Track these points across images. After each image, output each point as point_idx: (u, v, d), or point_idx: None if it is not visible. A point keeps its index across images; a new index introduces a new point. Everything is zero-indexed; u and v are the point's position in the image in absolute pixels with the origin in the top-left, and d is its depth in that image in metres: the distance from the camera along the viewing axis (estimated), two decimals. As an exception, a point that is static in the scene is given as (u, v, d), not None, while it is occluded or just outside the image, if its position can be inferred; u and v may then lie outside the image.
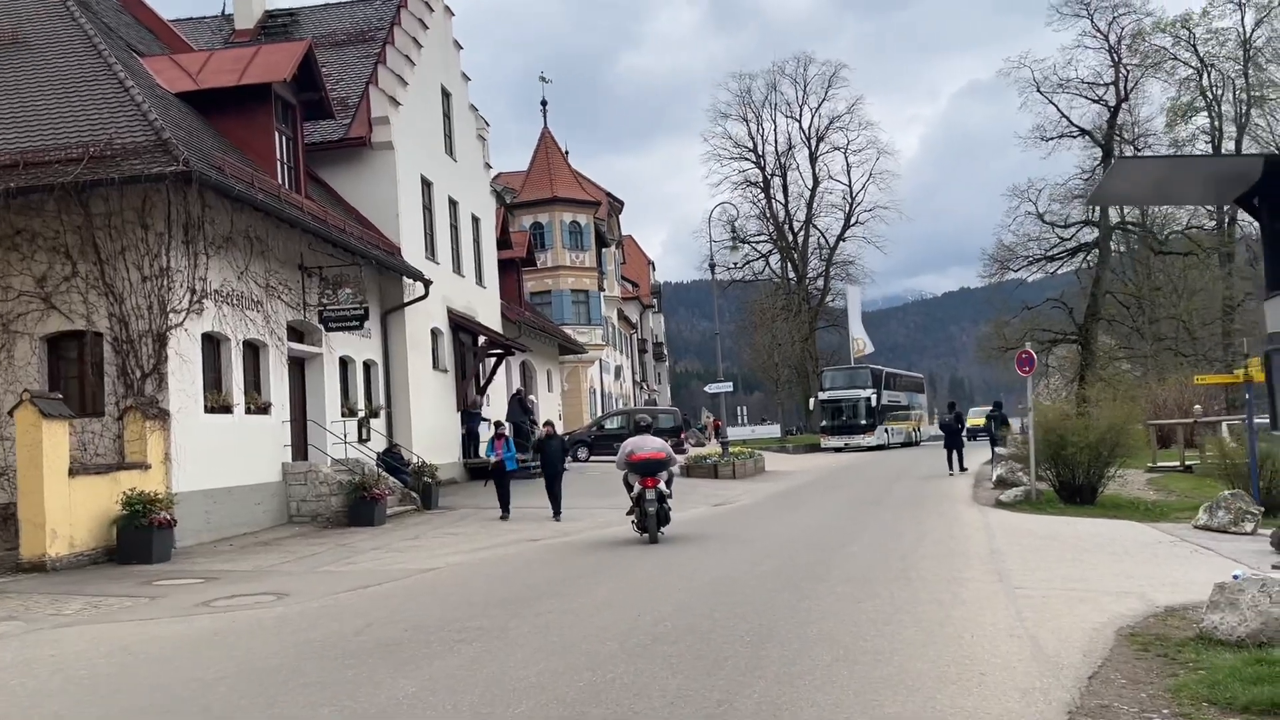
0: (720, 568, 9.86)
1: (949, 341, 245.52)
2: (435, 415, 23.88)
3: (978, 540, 11.92)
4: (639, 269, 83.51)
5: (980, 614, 7.30)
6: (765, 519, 15.72)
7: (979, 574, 9.30)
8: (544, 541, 13.67)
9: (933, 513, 15.58)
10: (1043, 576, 9.19)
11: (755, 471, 27.70)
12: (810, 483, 24.81)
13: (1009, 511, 15.98)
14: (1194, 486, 20.29)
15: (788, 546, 11.65)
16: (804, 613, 7.43)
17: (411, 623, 7.49)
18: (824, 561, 10.20)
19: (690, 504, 19.74)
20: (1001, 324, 50.78)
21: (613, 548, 12.28)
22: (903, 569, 9.59)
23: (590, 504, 19.12)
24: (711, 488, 23.35)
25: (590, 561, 10.97)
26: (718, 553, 11.20)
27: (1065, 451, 16.74)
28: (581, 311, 46.45)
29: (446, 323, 25.17)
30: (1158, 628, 6.81)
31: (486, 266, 29.39)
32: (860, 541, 11.90)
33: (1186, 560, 10.49)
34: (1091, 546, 11.45)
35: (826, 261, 68.77)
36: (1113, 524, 14.34)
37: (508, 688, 5.44)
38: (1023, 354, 17.59)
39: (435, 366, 24.40)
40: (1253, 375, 15.60)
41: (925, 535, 12.43)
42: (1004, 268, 51.51)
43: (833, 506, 17.33)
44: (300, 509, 17.01)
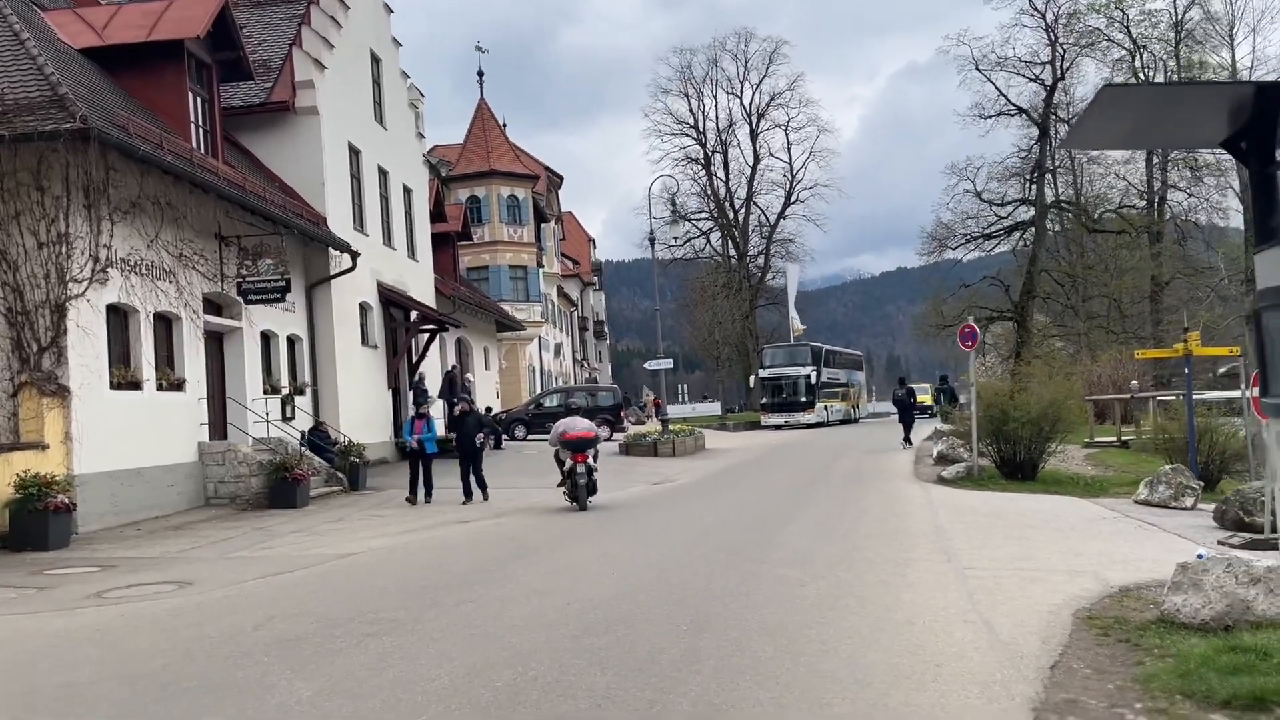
0: (657, 550, 9.36)
1: (886, 321, 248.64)
2: (365, 393, 23.06)
3: (922, 518, 11.59)
4: (579, 246, 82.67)
5: (930, 597, 6.89)
6: (705, 497, 15.28)
7: (926, 553, 8.93)
8: (475, 524, 13.06)
9: (875, 490, 15.28)
10: (991, 555, 8.84)
11: (695, 449, 27.31)
12: (751, 460, 24.47)
13: (951, 488, 15.75)
14: (1131, 462, 20.35)
15: (728, 526, 11.20)
16: (744, 598, 6.95)
17: (319, 615, 6.86)
18: (765, 542, 9.75)
19: (629, 483, 19.26)
20: (939, 301, 51.10)
21: (547, 529, 11.73)
22: (847, 549, 9.18)
23: (526, 483, 18.54)
24: (651, 466, 22.89)
25: (522, 544, 10.39)
26: (655, 534, 10.71)
27: (1007, 427, 16.56)
28: (520, 288, 45.58)
29: (376, 297, 24.29)
30: (1115, 610, 6.45)
31: (419, 239, 28.48)
32: (802, 520, 11.49)
33: (1132, 536, 10.26)
34: (1037, 523, 11.19)
35: (767, 239, 68.68)
36: (1055, 500, 14.15)
37: (416, 690, 4.86)
38: (965, 328, 17.34)
39: (364, 342, 23.54)
40: (1192, 349, 15.52)
41: (868, 513, 12.07)
42: (942, 245, 51.79)
43: (773, 484, 16.96)
44: (218, 490, 16.17)
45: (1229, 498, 11.69)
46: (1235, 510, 11.46)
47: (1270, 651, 4.72)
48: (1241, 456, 16.10)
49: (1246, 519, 11.29)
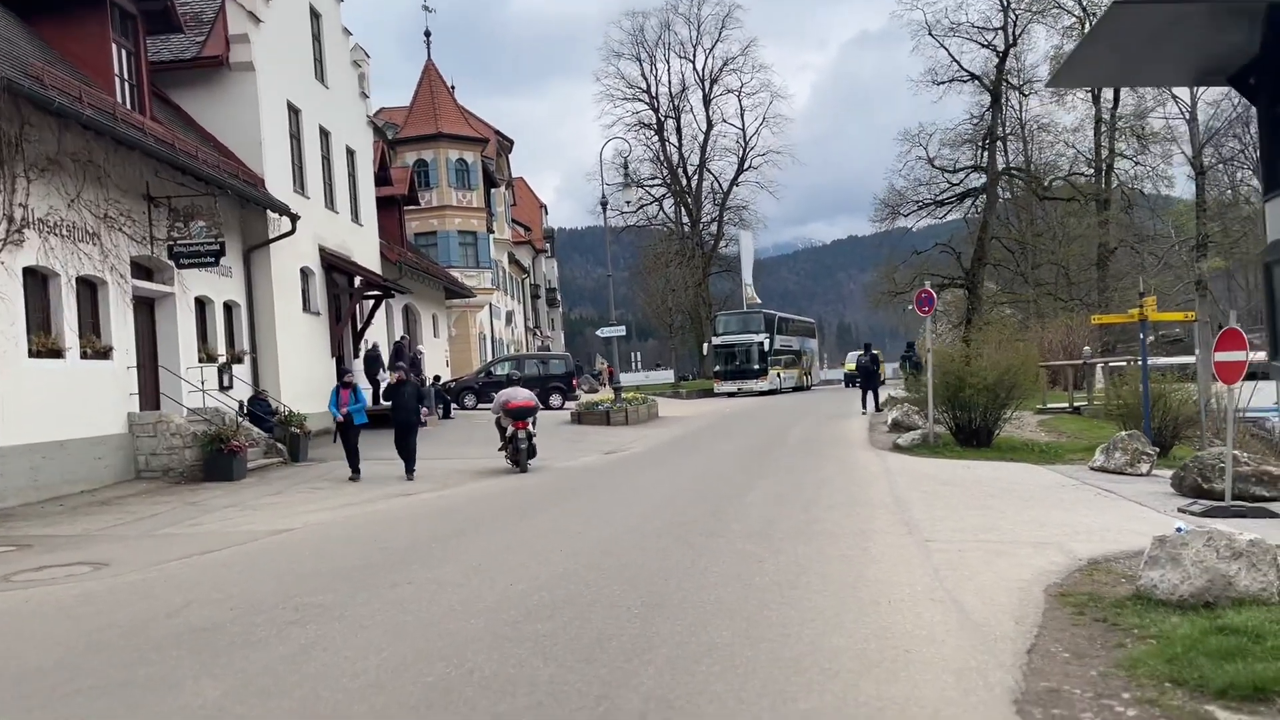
0: (609, 524, 8.94)
1: (837, 289, 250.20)
2: (307, 361, 22.32)
3: (880, 487, 11.30)
4: (531, 212, 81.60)
5: (894, 573, 6.54)
6: (658, 467, 14.89)
7: (886, 525, 8.61)
8: (418, 497, 12.55)
9: (831, 458, 15.00)
10: (953, 526, 8.54)
11: (649, 418, 26.94)
12: (704, 428, 24.15)
13: (907, 456, 15.52)
14: (1084, 427, 20.33)
15: (682, 497, 10.81)
16: (700, 575, 6.55)
17: (241, 600, 6.34)
18: (721, 513, 9.38)
19: (581, 452, 18.83)
20: (891, 269, 51.13)
21: (493, 503, 11.27)
22: (806, 521, 8.83)
23: (475, 454, 18.05)
24: (603, 435, 22.47)
25: (466, 519, 9.92)
26: (606, 506, 10.28)
27: (963, 394, 16.35)
28: (469, 254, 44.72)
29: (318, 262, 23.49)
30: (1087, 585, 6.16)
31: (363, 203, 27.63)
32: (759, 490, 11.13)
33: (1093, 505, 10.04)
34: (996, 491, 10.94)
35: (720, 206, 68.22)
36: (1011, 467, 13.97)
37: (338, 687, 4.39)
38: (923, 293, 17.06)
39: (306, 309, 22.77)
40: (1148, 314, 15.38)
41: (826, 482, 11.75)
42: (895, 212, 51.71)
43: (728, 453, 16.62)
44: (150, 463, 15.45)
45: (1188, 464, 11.54)
46: (1194, 476, 11.31)
47: (1263, 633, 4.41)
48: (1194, 422, 16.07)
49: (1205, 485, 11.14)
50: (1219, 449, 11.81)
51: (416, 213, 43.69)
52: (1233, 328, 9.97)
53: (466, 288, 39.57)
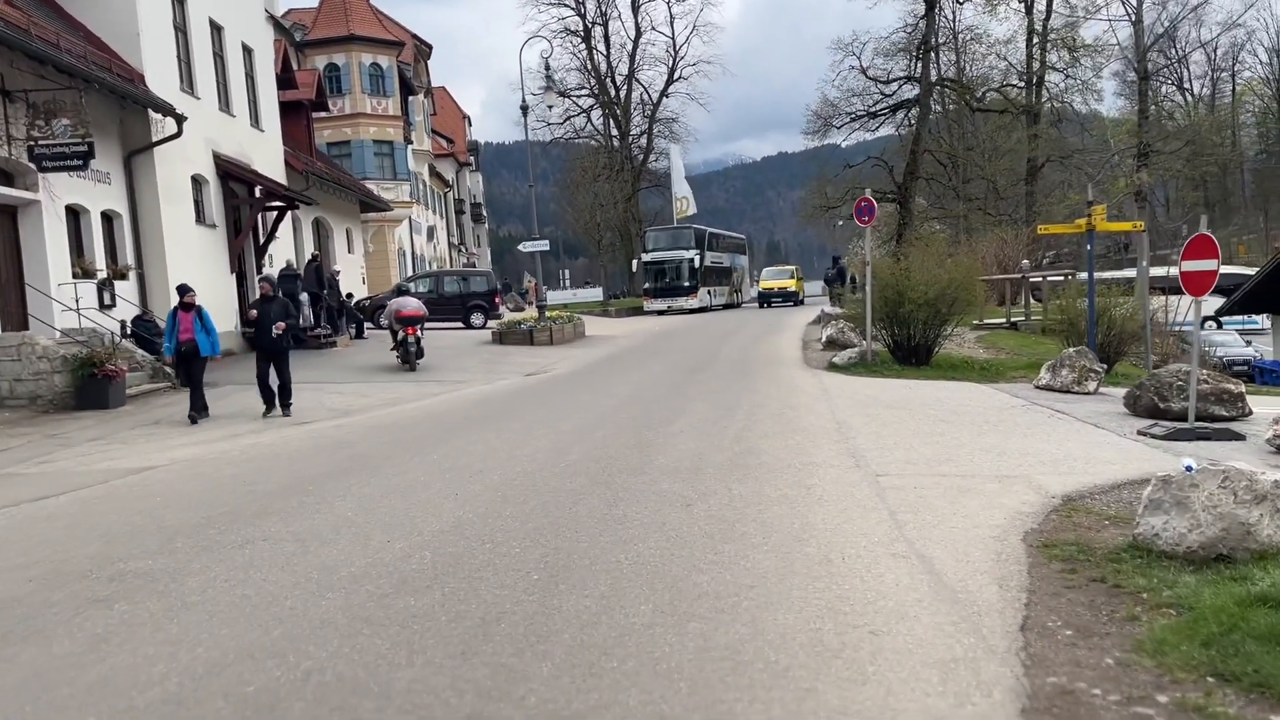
0: (517, 459, 7.83)
1: (767, 206, 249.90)
2: (203, 277, 20.53)
3: (820, 411, 10.36)
4: (453, 123, 78.62)
5: (846, 518, 5.57)
6: (581, 391, 13.80)
7: (830, 456, 7.65)
8: (311, 427, 11.29)
9: (765, 379, 14.04)
10: (904, 457, 7.61)
11: (575, 337, 25.76)
12: (633, 348, 23.09)
13: (845, 375, 14.65)
14: (1022, 344, 19.75)
15: (603, 425, 9.74)
16: (618, 526, 5.50)
17: (50, 565, 5.12)
18: (646, 445, 8.33)
19: (499, 374, 17.65)
20: (823, 183, 50.16)
21: (390, 434, 10.07)
22: (740, 453, 7.83)
23: (385, 379, 16.76)
24: (526, 356, 21.27)
25: (355, 455, 8.73)
26: (518, 437, 9.16)
27: (902, 310, 15.49)
28: (386, 165, 42.47)
29: (213, 170, 21.58)
30: (1069, 531, 5.25)
31: (264, 107, 25.55)
32: (687, 417, 10.11)
33: (1050, 429, 9.22)
34: (944, 415, 10.09)
35: (649, 118, 66.15)
36: (954, 387, 13.19)
37: (121, 703, 3.24)
38: (863, 201, 16.00)
39: (200, 220, 20.94)
40: (1096, 224, 14.58)
41: (760, 406, 10.77)
42: (827, 124, 50.52)
43: (656, 374, 15.58)
44: (14, 390, 13.88)
45: (1143, 382, 10.81)
46: (1149, 396, 10.59)
47: (1323, 608, 3.50)
48: (1138, 338, 15.47)
49: (1161, 404, 10.44)
50: (1175, 366, 11.11)
51: (328, 121, 41.27)
52: (1203, 234, 9.12)
53: (383, 201, 37.58)
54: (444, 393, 15.01)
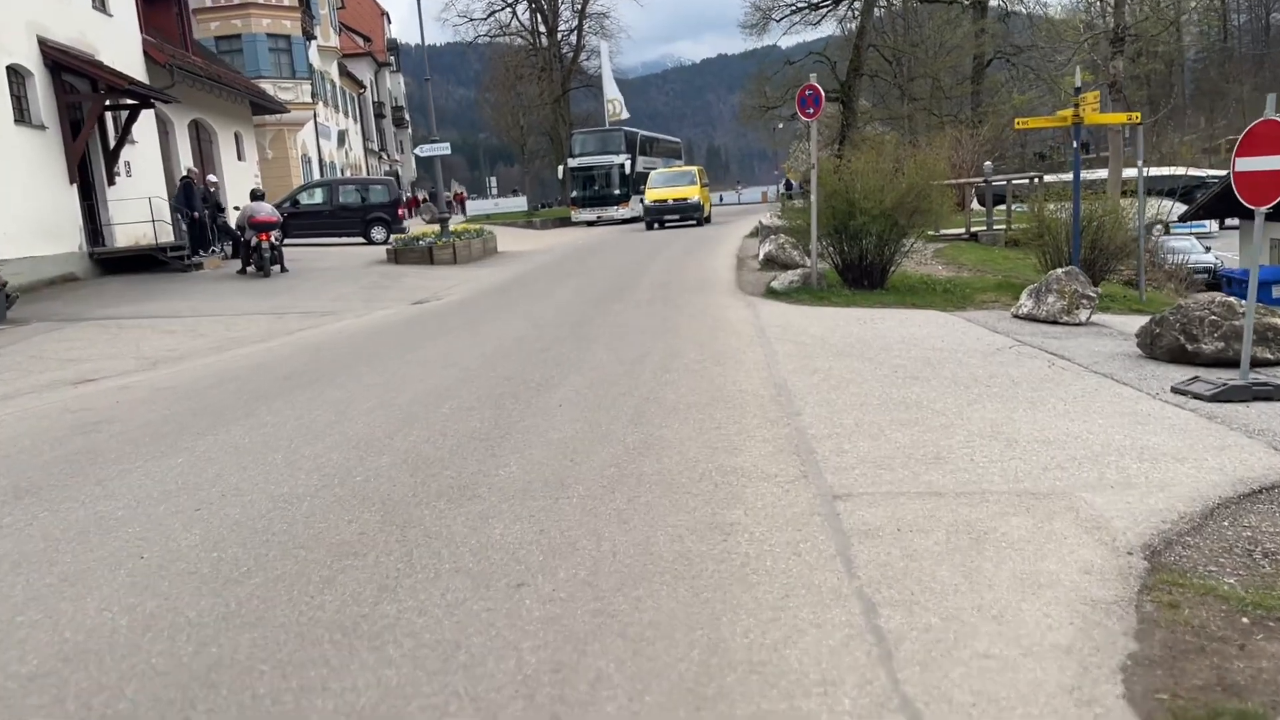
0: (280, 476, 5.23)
1: (706, 110, 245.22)
2: (28, 190, 17.29)
3: (753, 363, 7.85)
4: (370, 21, 73.49)
5: (785, 633, 3.08)
6: (458, 331, 11.13)
7: (764, 453, 5.16)
8: (86, 390, 8.52)
9: (690, 312, 11.47)
10: (872, 453, 5.15)
11: (484, 254, 22.91)
12: (546, 266, 20.36)
13: (785, 304, 12.15)
14: (986, 258, 17.47)
15: (457, 392, 7.14)
16: (390, 641, 2.99)
17: None
18: (500, 434, 5.77)
19: (378, 303, 14.90)
20: (762, 81, 47.01)
21: (168, 408, 7.37)
22: (632, 449, 5.30)
23: (233, 315, 13.93)
24: (420, 278, 18.46)
25: (85, 450, 6.05)
26: (321, 421, 6.51)
27: (854, 223, 12.97)
28: (283, 62, 38.46)
29: (38, 60, 18.08)
30: (1196, 658, 2.84)
31: (112, -13, 21.80)
32: (577, 376, 7.55)
33: (1058, 386, 6.83)
34: (915, 364, 7.65)
35: (579, 13, 61.91)
36: (918, 319, 10.79)
37: None
38: (806, 90, 13.26)
39: (22, 120, 17.53)
40: (1084, 116, 12.11)
41: (677, 356, 8.24)
42: (767, 18, 47.18)
43: (559, 305, 12.95)
44: None
45: (1164, 317, 8.44)
46: (1172, 335, 8.25)
47: None
48: (1129, 253, 13.20)
49: (1190, 346, 8.13)
50: (1206, 296, 8.77)
51: (213, 12, 37.17)
52: (1271, 119, 6.66)
53: (277, 101, 33.78)
54: (301, 329, 12.29)
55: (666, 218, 33.79)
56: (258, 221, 18.35)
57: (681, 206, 33.77)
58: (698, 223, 33.42)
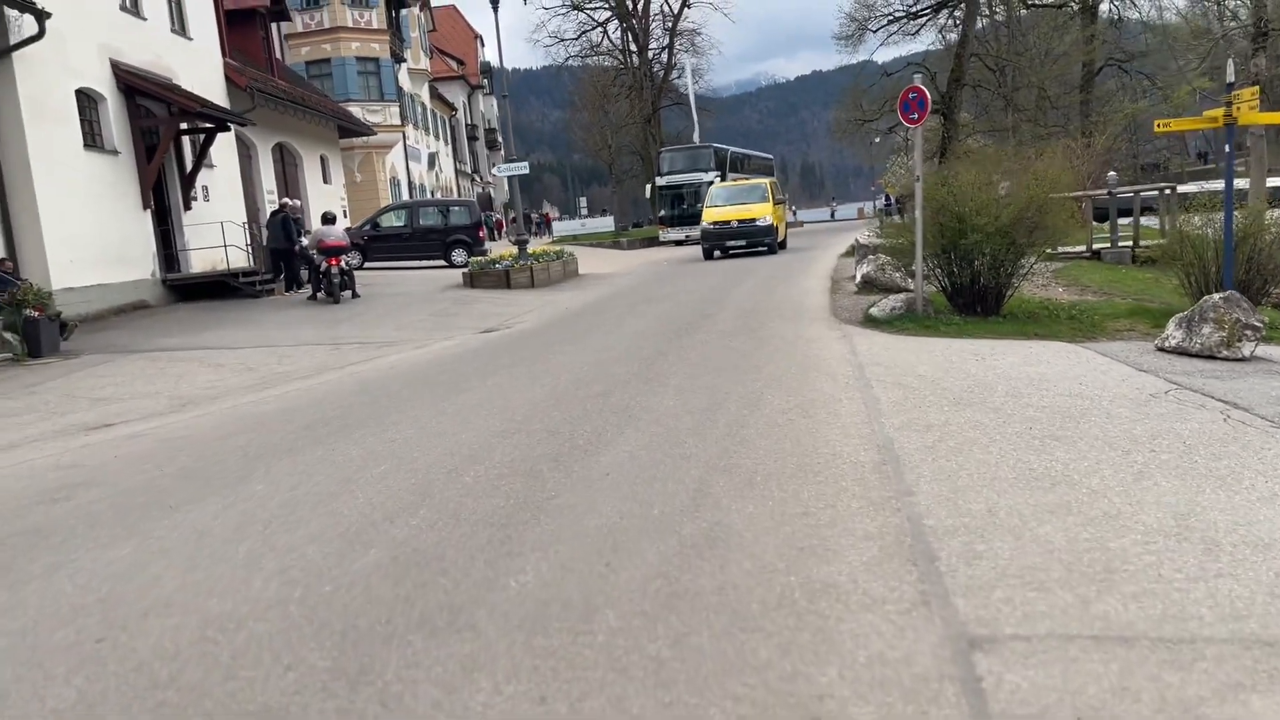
0: (312, 539, 4.15)
1: (800, 127, 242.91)
2: (98, 216, 16.91)
3: (850, 414, 6.49)
4: (464, 44, 73.96)
5: None
6: (520, 365, 10.01)
7: (868, 562, 3.81)
8: (94, 440, 7.63)
9: (775, 345, 10.12)
10: (1019, 561, 3.75)
11: (563, 277, 21.91)
12: (625, 289, 19.22)
13: (887, 334, 10.71)
14: (1112, 279, 15.68)
15: (498, 447, 5.96)
16: None
17: None
18: (527, 517, 4.56)
19: (448, 331, 13.94)
20: (859, 93, 45.29)
21: (207, 454, 6.39)
22: (689, 545, 4.02)
23: (290, 345, 13.12)
24: (494, 303, 17.51)
25: (40, 527, 5.07)
26: (321, 488, 5.41)
27: (965, 241, 11.47)
28: (371, 85, 38.36)
29: (111, 83, 17.76)
30: None
31: (192, 11, 21.59)
32: (635, 431, 6.30)
33: (1247, 452, 5.31)
34: (1055, 415, 6.19)
35: (670, 31, 61.06)
36: (1045, 354, 9.25)
37: None
38: (910, 92, 11.76)
39: (92, 145, 17.19)
40: (1238, 116, 10.40)
41: (757, 405, 6.92)
42: (862, 28, 45.50)
43: (631, 337, 11.73)
44: None
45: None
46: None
47: None
48: (1291, 273, 11.39)
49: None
50: None
51: (305, 37, 37.32)
52: None
53: (364, 124, 33.56)
54: (354, 363, 11.35)
55: (729, 244, 27.19)
56: (327, 246, 17.87)
57: (748, 230, 27.00)
58: (769, 249, 27.20)
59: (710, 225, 27.09)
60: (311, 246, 18.45)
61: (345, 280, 18.12)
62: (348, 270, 18.33)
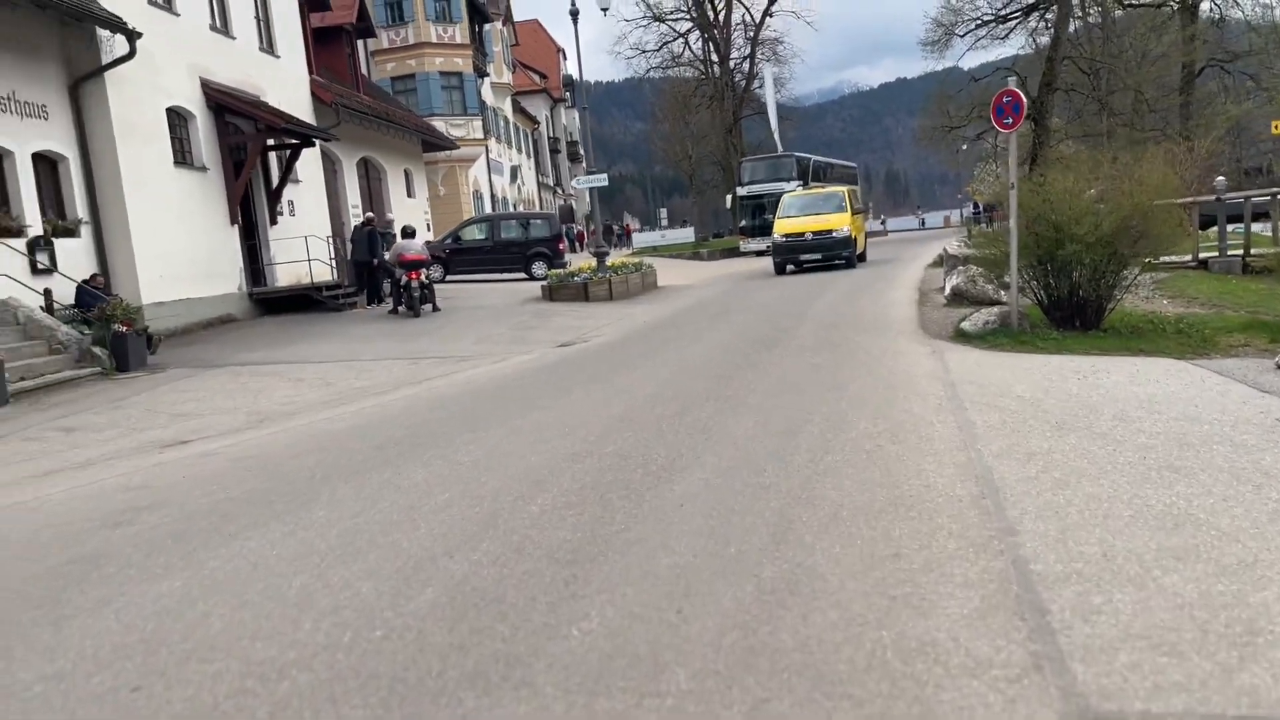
0: (368, 574, 3.96)
1: (884, 135, 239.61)
2: (189, 232, 17.25)
3: (943, 439, 6.05)
4: (546, 58, 74.57)
5: None
6: (595, 381, 9.76)
7: (970, 616, 3.41)
8: (174, 455, 7.59)
9: (859, 361, 9.68)
10: (1143, 618, 3.31)
11: (642, 289, 21.68)
12: (704, 301, 18.88)
13: (980, 350, 10.18)
14: (1221, 291, 14.79)
15: (570, 470, 5.72)
16: None
17: None
18: (596, 560, 4.26)
19: (525, 345, 13.79)
20: (945, 100, 44.21)
21: (275, 475, 6.28)
22: (775, 587, 3.69)
23: (369, 359, 13.10)
24: (572, 316, 17.34)
25: (168, 532, 4.97)
26: (422, 501, 5.23)
27: (1063, 252, 10.87)
28: (455, 99, 38.77)
29: (200, 101, 18.13)
30: None
31: (280, 29, 21.99)
32: (711, 455, 5.97)
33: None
34: (1172, 443, 5.65)
35: (752, 40, 60.59)
36: (1153, 370, 8.64)
37: None
38: (1004, 96, 11.18)
39: (182, 162, 17.56)
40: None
41: (840, 428, 6.52)
42: (949, 32, 44.41)
43: (709, 350, 11.40)
44: None
45: None
46: None
47: None
48: None
49: None
50: None
51: (391, 53, 37.92)
52: None
53: (447, 138, 33.92)
54: (431, 378, 11.25)
55: (803, 258, 25.19)
56: (407, 260, 17.97)
57: (823, 242, 24.83)
58: (846, 264, 25.03)
59: (782, 238, 25.39)
60: (392, 260, 18.57)
61: (425, 294, 18.27)
62: (428, 284, 18.46)
